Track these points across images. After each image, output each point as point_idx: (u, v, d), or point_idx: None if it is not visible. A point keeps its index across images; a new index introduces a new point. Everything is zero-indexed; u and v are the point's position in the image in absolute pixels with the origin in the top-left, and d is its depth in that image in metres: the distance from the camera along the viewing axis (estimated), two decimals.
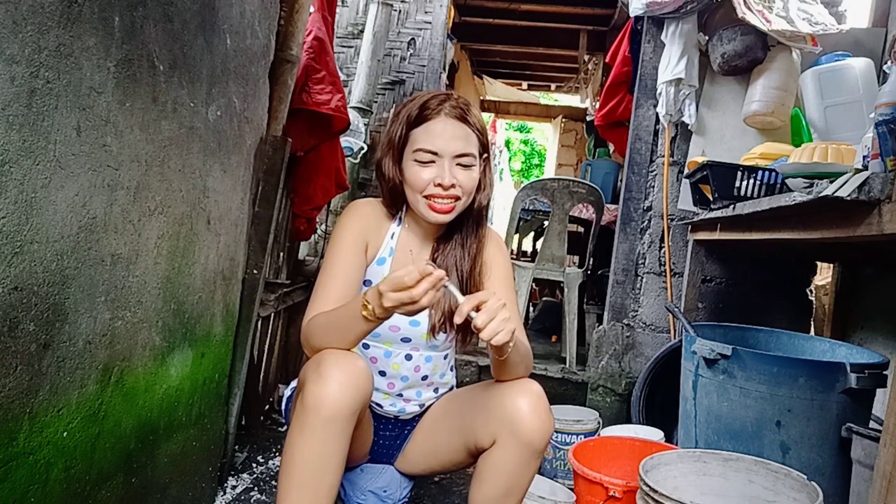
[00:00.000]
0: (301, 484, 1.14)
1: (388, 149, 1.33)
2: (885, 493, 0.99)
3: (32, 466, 0.92)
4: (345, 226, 1.34)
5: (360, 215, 1.36)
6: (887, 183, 1.05)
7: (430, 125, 1.28)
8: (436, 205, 1.28)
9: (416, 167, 1.28)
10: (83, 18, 0.92)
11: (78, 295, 0.99)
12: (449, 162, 1.27)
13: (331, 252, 1.32)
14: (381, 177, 1.36)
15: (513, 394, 1.24)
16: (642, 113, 2.75)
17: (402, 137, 1.30)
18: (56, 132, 0.89)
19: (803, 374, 1.46)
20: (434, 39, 3.54)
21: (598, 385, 2.71)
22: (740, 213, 1.69)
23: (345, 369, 1.13)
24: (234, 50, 1.49)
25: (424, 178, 1.27)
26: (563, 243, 3.04)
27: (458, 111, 1.29)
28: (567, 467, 2.03)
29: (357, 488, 1.44)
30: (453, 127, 1.28)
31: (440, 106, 1.28)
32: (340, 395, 1.12)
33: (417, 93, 1.40)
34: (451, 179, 1.26)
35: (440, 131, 1.27)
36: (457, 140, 1.27)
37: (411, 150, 1.28)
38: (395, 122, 1.32)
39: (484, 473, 1.26)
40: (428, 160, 1.27)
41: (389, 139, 1.32)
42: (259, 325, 2.04)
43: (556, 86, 8.67)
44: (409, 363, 1.39)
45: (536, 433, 1.21)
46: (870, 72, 2.02)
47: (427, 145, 1.26)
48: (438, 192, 1.27)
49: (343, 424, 1.14)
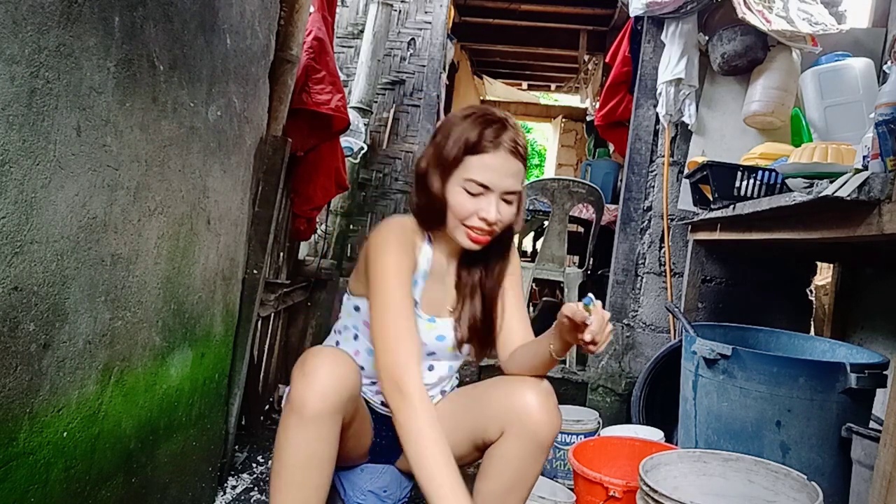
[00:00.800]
0: (291, 483, 1.15)
1: (437, 166, 1.25)
2: (885, 493, 0.99)
3: (32, 466, 0.92)
4: (394, 247, 1.24)
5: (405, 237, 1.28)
6: (887, 183, 1.05)
7: (488, 158, 1.21)
8: (474, 234, 1.25)
9: (463, 195, 1.23)
10: (83, 18, 0.92)
11: (78, 295, 0.98)
12: (497, 197, 1.23)
13: (387, 282, 1.20)
14: (422, 191, 1.29)
15: (523, 388, 1.26)
16: (642, 113, 2.75)
17: (455, 160, 1.23)
18: (56, 132, 0.89)
19: (803, 374, 1.46)
20: (434, 39, 3.54)
21: (598, 385, 2.71)
22: (740, 213, 1.69)
23: (329, 367, 1.14)
24: (234, 50, 1.49)
25: (470, 208, 1.23)
26: (563, 243, 3.04)
27: (517, 146, 1.24)
28: (567, 467, 2.03)
29: (357, 488, 1.44)
30: (509, 163, 1.22)
31: (500, 138, 1.22)
32: (324, 393, 1.12)
33: (474, 108, 1.28)
34: (496, 216, 1.23)
35: (496, 166, 1.21)
36: (510, 177, 1.23)
37: (462, 176, 1.22)
38: (449, 140, 1.23)
39: (490, 466, 1.27)
40: (477, 192, 1.22)
41: (441, 156, 1.24)
42: (259, 325, 2.04)
43: (556, 86, 8.67)
44: (431, 373, 1.40)
45: (544, 426, 1.23)
46: (870, 72, 2.02)
47: (480, 178, 1.21)
48: (482, 225, 1.23)
49: (329, 422, 1.14)
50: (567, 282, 3.02)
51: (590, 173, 4.16)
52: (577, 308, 1.12)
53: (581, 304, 1.12)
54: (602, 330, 1.11)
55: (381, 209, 3.43)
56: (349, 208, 3.29)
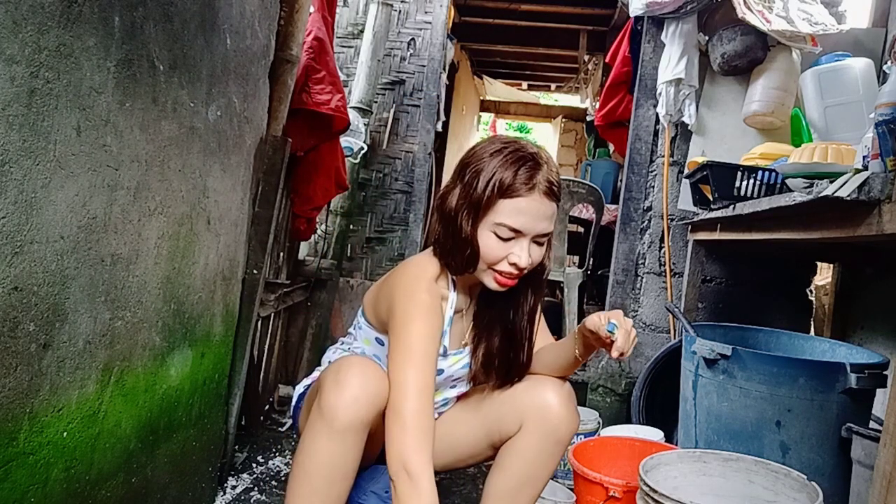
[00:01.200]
0: (312, 491, 1.14)
1: (467, 206, 1.17)
2: (885, 493, 0.99)
3: (32, 466, 0.92)
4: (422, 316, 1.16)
5: (433, 298, 1.20)
6: (887, 183, 1.05)
7: (522, 203, 1.14)
8: (502, 279, 1.20)
9: (493, 240, 1.17)
10: (83, 18, 0.92)
11: (78, 295, 0.98)
12: (528, 241, 1.17)
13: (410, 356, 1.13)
14: (450, 233, 1.20)
15: (545, 386, 1.27)
16: (642, 113, 2.75)
17: (487, 203, 1.15)
18: (56, 132, 0.89)
19: (803, 375, 1.46)
20: (434, 39, 3.54)
21: (598, 385, 2.71)
22: (740, 214, 1.69)
23: (363, 378, 1.13)
24: (234, 50, 1.48)
25: (500, 254, 1.17)
26: (563, 243, 3.04)
27: (552, 186, 1.17)
28: (567, 467, 2.03)
29: (358, 488, 1.43)
30: (543, 206, 1.16)
31: (535, 179, 1.15)
32: (357, 405, 1.11)
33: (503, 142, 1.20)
34: (527, 261, 1.17)
35: (530, 210, 1.15)
36: (543, 220, 1.17)
37: (493, 220, 1.15)
38: (480, 180, 1.15)
39: (506, 460, 1.28)
40: (508, 237, 1.16)
41: (471, 198, 1.16)
42: (259, 325, 2.04)
43: (556, 86, 8.67)
44: (452, 391, 1.41)
45: (564, 423, 1.25)
46: (870, 72, 2.02)
47: (513, 223, 1.15)
48: (511, 270, 1.18)
49: (358, 434, 1.14)
50: (567, 282, 3.02)
51: (590, 173, 4.16)
52: (600, 324, 1.14)
53: (605, 329, 1.14)
54: (628, 344, 1.13)
55: (381, 209, 3.43)
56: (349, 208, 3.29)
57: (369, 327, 1.37)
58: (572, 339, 1.26)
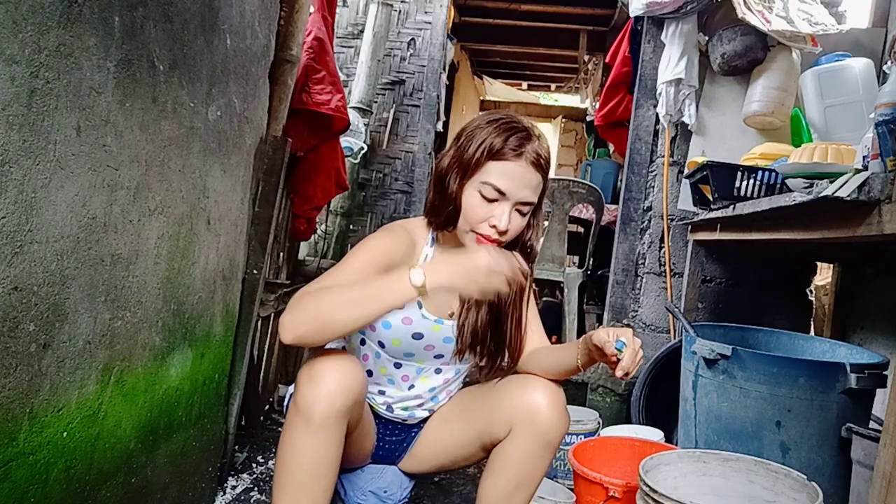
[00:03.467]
0: (295, 486, 1.15)
1: (457, 166, 1.24)
2: (885, 493, 0.99)
3: (32, 466, 0.92)
4: (378, 244, 1.26)
5: (395, 241, 1.28)
6: (887, 183, 1.05)
7: (509, 165, 1.21)
8: (482, 240, 1.24)
9: (477, 198, 1.22)
10: (83, 18, 0.92)
11: (78, 295, 0.98)
12: (510, 206, 1.22)
13: (354, 257, 1.23)
14: (439, 190, 1.28)
15: (534, 387, 1.27)
16: (642, 113, 2.75)
17: (476, 163, 1.22)
18: (56, 132, 0.89)
19: (803, 375, 1.46)
20: (434, 39, 3.54)
21: (598, 385, 2.71)
22: (740, 214, 1.69)
23: (336, 371, 1.13)
24: (234, 50, 1.49)
25: (482, 213, 1.23)
26: (563, 243, 3.04)
27: (539, 159, 1.23)
28: (567, 467, 2.03)
29: (357, 488, 1.44)
30: (529, 174, 1.22)
31: (524, 147, 1.22)
32: (332, 397, 1.12)
33: (501, 115, 1.27)
34: (506, 225, 1.22)
35: (516, 174, 1.21)
36: (527, 188, 1.23)
37: (480, 179, 1.22)
38: (474, 143, 1.23)
39: (497, 464, 1.28)
40: (492, 197, 1.22)
41: (462, 158, 1.24)
42: (259, 325, 2.04)
43: (556, 86, 8.68)
44: (438, 376, 1.40)
45: (553, 425, 1.24)
46: (870, 72, 2.02)
47: (498, 183, 1.21)
48: (490, 232, 1.23)
49: (335, 427, 1.14)
50: (567, 282, 3.02)
51: (590, 173, 4.16)
52: (607, 340, 1.14)
53: (612, 346, 1.14)
54: (633, 364, 1.13)
55: (381, 209, 3.43)
56: (349, 208, 3.29)
57: None
58: (575, 348, 1.26)
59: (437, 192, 1.29)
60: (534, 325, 1.42)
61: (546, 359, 1.34)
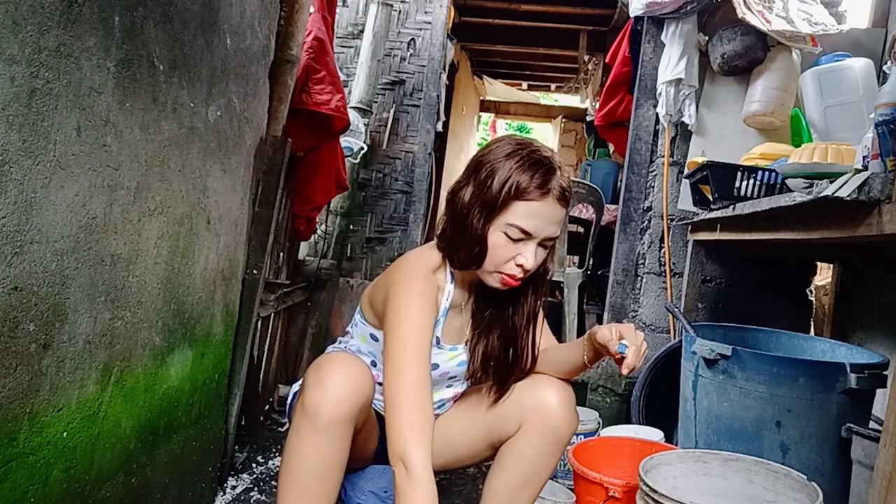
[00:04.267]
0: (301, 489, 1.14)
1: (480, 205, 1.18)
2: (885, 493, 0.99)
3: (32, 466, 0.92)
4: (421, 298, 1.16)
5: (430, 287, 1.20)
6: (887, 183, 1.05)
7: (536, 206, 1.16)
8: (506, 279, 1.21)
9: (503, 239, 1.18)
10: (83, 18, 0.92)
11: (78, 295, 0.98)
12: (536, 243, 1.19)
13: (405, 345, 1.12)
14: (461, 230, 1.21)
15: (545, 386, 1.28)
16: (642, 113, 2.75)
17: (502, 204, 1.16)
18: (56, 132, 0.89)
19: (803, 375, 1.46)
20: (434, 39, 3.54)
21: (598, 385, 2.71)
22: (740, 214, 1.69)
23: (345, 373, 1.13)
24: (234, 50, 1.48)
25: (508, 254, 1.18)
26: (562, 243, 3.04)
27: (564, 192, 1.19)
28: (567, 467, 2.03)
29: (357, 489, 1.44)
30: (555, 212, 1.18)
31: (549, 184, 1.16)
32: (340, 400, 1.12)
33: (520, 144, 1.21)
34: (533, 265, 1.19)
35: (543, 214, 1.17)
36: (553, 225, 1.19)
37: (506, 220, 1.16)
38: (495, 179, 1.16)
39: (505, 460, 1.28)
40: (518, 238, 1.18)
41: (485, 197, 1.17)
42: (259, 325, 2.04)
43: (556, 86, 8.67)
44: (448, 390, 1.41)
45: (564, 422, 1.25)
46: (870, 72, 2.02)
47: (525, 225, 1.16)
48: (517, 272, 1.20)
49: (343, 429, 1.14)
50: (567, 282, 3.02)
51: (590, 173, 4.15)
52: (611, 339, 1.15)
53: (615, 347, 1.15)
54: (638, 360, 1.14)
55: (381, 209, 3.43)
56: (349, 208, 3.29)
57: (364, 324, 1.36)
58: (581, 345, 1.26)
59: (458, 230, 1.21)
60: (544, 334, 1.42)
61: (554, 358, 1.34)
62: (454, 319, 1.34)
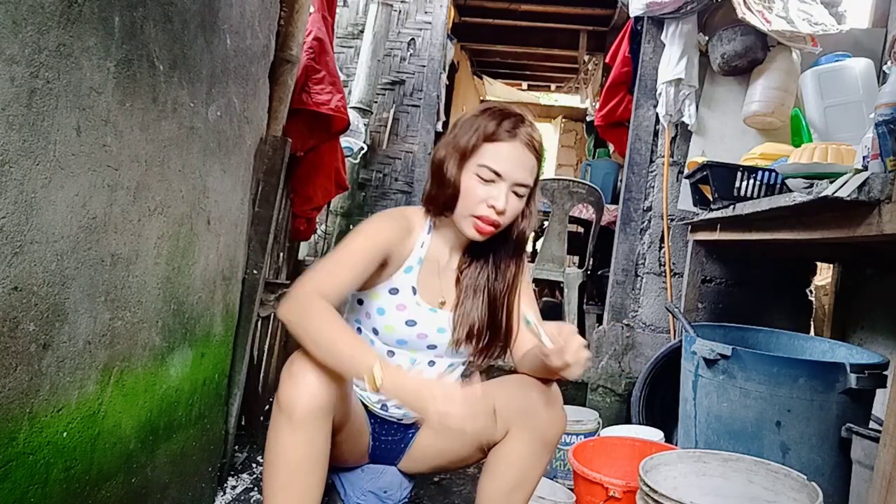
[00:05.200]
0: (285, 485, 1.14)
1: (454, 152, 1.27)
2: (885, 494, 0.99)
3: (32, 466, 0.92)
4: (376, 229, 1.28)
5: (392, 225, 1.30)
6: (887, 183, 1.05)
7: (504, 146, 1.25)
8: (481, 225, 1.26)
9: (475, 181, 1.25)
10: (83, 18, 0.92)
11: (78, 295, 0.98)
12: (507, 187, 1.25)
13: (355, 242, 1.24)
14: (438, 177, 1.30)
15: (530, 388, 1.27)
16: (642, 113, 2.75)
17: (473, 147, 1.26)
18: (56, 132, 0.89)
19: (803, 375, 1.46)
20: (434, 39, 3.54)
21: (598, 385, 2.71)
22: (740, 214, 1.69)
23: (317, 368, 1.14)
24: (234, 50, 1.48)
25: (480, 195, 1.24)
26: (563, 243, 3.04)
27: (535, 142, 1.27)
28: (567, 467, 2.03)
29: (357, 489, 1.44)
30: (525, 156, 1.26)
31: (518, 129, 1.25)
32: (312, 394, 1.12)
33: (496, 105, 1.32)
34: (504, 205, 1.24)
35: (512, 156, 1.25)
36: (522, 169, 1.26)
37: (477, 162, 1.25)
38: (469, 129, 1.27)
39: (495, 465, 1.28)
40: (489, 178, 1.24)
41: (458, 145, 1.27)
42: (259, 325, 2.04)
43: (556, 86, 8.68)
44: (431, 369, 1.39)
45: (550, 426, 1.24)
46: (870, 72, 2.02)
47: (494, 164, 1.24)
48: (490, 214, 1.24)
49: (319, 423, 1.14)
50: (567, 282, 3.02)
51: (590, 173, 4.16)
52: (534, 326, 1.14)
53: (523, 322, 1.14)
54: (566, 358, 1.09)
55: (381, 209, 3.43)
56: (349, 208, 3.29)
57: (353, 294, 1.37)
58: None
59: (436, 180, 1.31)
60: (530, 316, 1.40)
61: (532, 361, 1.33)
62: (431, 276, 1.35)
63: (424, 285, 1.34)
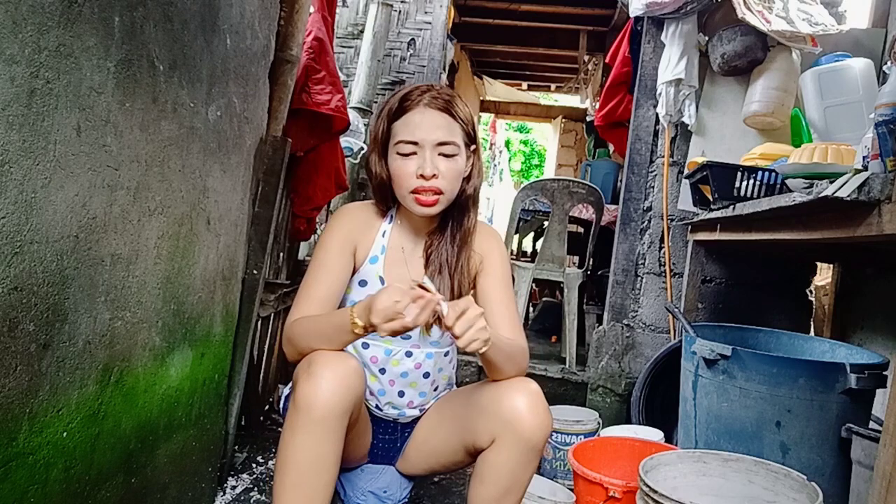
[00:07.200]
0: (296, 484, 1.14)
1: (373, 145, 1.33)
2: (885, 494, 0.99)
3: (32, 466, 0.92)
4: (332, 228, 1.34)
5: (348, 218, 1.37)
6: (887, 183, 1.05)
7: (410, 116, 1.27)
8: (421, 198, 1.26)
9: (399, 160, 1.27)
10: (83, 18, 0.92)
11: (78, 295, 0.98)
12: (430, 152, 1.25)
13: (317, 255, 1.32)
14: (368, 173, 1.36)
15: (510, 393, 1.24)
16: (642, 113, 2.75)
17: (384, 132, 1.30)
18: (56, 132, 0.89)
19: (803, 375, 1.46)
20: (434, 40, 3.54)
21: (597, 385, 2.71)
22: (740, 214, 1.69)
23: (335, 368, 1.14)
24: (234, 50, 1.49)
25: (408, 170, 1.26)
26: (563, 243, 3.04)
27: (440, 101, 1.27)
28: (567, 467, 2.03)
29: (357, 489, 1.44)
30: (433, 117, 1.27)
31: (420, 97, 1.27)
32: (331, 394, 1.12)
33: (397, 89, 1.37)
34: (432, 169, 1.25)
35: (420, 122, 1.26)
36: (437, 129, 1.26)
37: (393, 143, 1.28)
38: (378, 118, 1.32)
39: (483, 473, 1.26)
40: (409, 151, 1.26)
41: (374, 135, 1.33)
42: (259, 325, 2.04)
43: (556, 86, 8.68)
44: (409, 360, 1.38)
45: (535, 431, 1.21)
46: (870, 72, 2.02)
47: (407, 136, 1.26)
48: (422, 183, 1.25)
49: (335, 424, 1.14)
50: (567, 282, 3.02)
51: (590, 173, 4.16)
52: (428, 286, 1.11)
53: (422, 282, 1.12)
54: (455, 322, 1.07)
55: None
56: None
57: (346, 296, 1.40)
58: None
59: (370, 177, 1.36)
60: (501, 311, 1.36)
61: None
62: (398, 266, 1.36)
63: (392, 274, 1.35)
